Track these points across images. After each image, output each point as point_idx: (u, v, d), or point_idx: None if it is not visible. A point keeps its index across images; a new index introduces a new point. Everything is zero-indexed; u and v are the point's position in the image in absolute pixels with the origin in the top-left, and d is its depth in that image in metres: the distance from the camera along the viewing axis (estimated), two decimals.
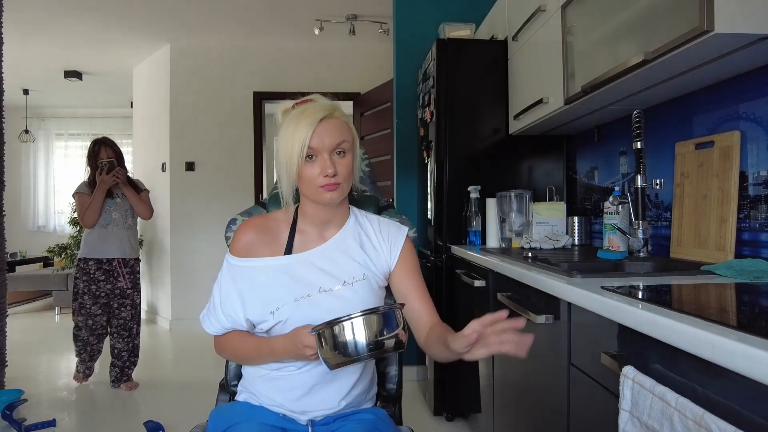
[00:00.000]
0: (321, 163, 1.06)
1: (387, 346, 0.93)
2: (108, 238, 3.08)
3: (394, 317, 0.94)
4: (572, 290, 1.11)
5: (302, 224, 1.17)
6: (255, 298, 1.12)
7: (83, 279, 3.06)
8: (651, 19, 1.29)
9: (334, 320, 0.92)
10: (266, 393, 1.15)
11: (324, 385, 1.11)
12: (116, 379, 3.14)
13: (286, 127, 1.07)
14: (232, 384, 1.34)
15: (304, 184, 1.09)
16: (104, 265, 3.08)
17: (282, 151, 1.07)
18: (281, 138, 1.08)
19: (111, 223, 3.10)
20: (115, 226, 3.11)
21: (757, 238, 1.38)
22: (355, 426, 1.10)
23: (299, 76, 4.94)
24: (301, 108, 1.10)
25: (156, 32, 4.57)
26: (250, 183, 4.91)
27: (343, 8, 4.09)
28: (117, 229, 3.11)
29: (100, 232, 3.07)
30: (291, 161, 1.06)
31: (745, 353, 0.62)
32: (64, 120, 7.18)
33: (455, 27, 2.75)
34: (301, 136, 1.04)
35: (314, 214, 1.15)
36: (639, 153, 1.51)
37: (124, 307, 3.13)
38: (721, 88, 1.49)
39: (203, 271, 4.86)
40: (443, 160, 2.52)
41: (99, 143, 3.12)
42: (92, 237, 3.07)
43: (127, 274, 3.13)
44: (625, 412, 0.85)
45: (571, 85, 1.74)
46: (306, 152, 1.05)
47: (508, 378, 1.72)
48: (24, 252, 6.47)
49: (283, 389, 1.12)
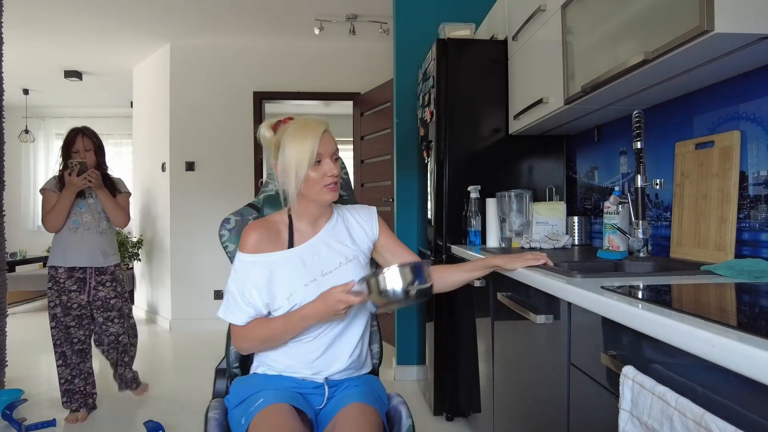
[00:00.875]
0: (325, 166, 1.29)
1: (419, 293, 1.15)
2: (78, 244, 2.68)
3: (423, 270, 1.17)
4: (572, 290, 1.11)
5: (297, 222, 1.39)
6: (271, 287, 1.32)
7: (54, 289, 2.66)
8: (651, 19, 1.29)
9: (378, 271, 1.15)
10: (284, 361, 1.34)
11: (334, 347, 1.35)
12: (126, 382, 2.92)
13: (293, 138, 1.27)
14: (234, 366, 1.51)
15: (309, 185, 1.30)
16: (76, 273, 2.68)
17: (291, 158, 1.26)
18: (289, 147, 1.27)
19: (81, 226, 2.70)
20: (86, 230, 2.71)
21: (757, 238, 1.38)
22: (357, 384, 1.36)
23: (299, 76, 4.94)
24: (301, 122, 1.30)
25: (156, 32, 4.58)
26: (250, 183, 4.91)
27: (343, 8, 4.09)
28: (88, 234, 2.71)
29: (68, 237, 2.68)
30: (301, 166, 1.26)
31: (745, 353, 0.62)
32: (64, 120, 7.18)
33: (455, 27, 2.75)
34: (311, 144, 1.26)
35: (309, 212, 1.37)
36: (639, 153, 1.51)
37: (111, 321, 2.77)
38: (721, 88, 1.49)
39: (203, 271, 4.86)
40: (443, 159, 2.52)
41: (76, 132, 2.74)
42: (60, 242, 2.68)
43: (107, 282, 2.75)
44: (625, 412, 0.85)
45: (571, 84, 1.74)
46: (314, 158, 1.26)
47: (508, 378, 1.72)
48: (24, 252, 6.48)
49: (300, 356, 1.33)
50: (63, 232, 2.68)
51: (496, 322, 1.82)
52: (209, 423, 1.32)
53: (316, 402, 1.34)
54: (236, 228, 1.57)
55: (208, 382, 3.43)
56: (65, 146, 2.73)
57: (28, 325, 5.19)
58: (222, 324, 1.39)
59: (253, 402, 1.25)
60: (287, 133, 1.29)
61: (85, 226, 2.71)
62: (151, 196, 5.24)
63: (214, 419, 1.33)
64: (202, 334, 4.61)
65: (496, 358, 1.84)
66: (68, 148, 2.71)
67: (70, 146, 2.71)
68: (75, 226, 2.69)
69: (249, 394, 1.29)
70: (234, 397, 1.34)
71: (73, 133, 2.74)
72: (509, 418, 1.72)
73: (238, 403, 1.31)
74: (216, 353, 4.10)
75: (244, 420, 1.23)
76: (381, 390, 1.41)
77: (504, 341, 1.75)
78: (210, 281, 4.87)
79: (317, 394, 1.34)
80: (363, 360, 1.44)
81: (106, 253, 2.76)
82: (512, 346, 1.66)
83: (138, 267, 5.62)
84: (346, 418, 1.24)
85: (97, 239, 2.73)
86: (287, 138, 1.28)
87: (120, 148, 7.28)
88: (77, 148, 2.70)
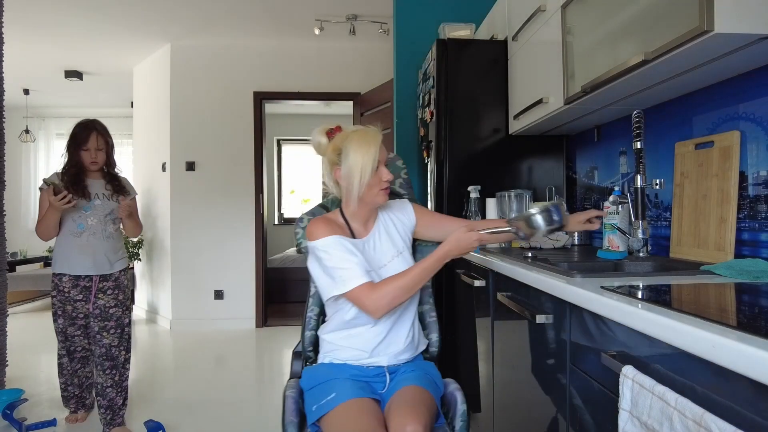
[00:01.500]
0: (382, 172, 1.46)
1: (556, 225, 1.37)
2: (82, 250, 2.45)
3: (560, 209, 1.38)
4: (572, 290, 1.11)
5: (352, 222, 1.53)
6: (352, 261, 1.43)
7: (58, 298, 2.48)
8: (651, 19, 1.29)
9: (526, 212, 1.38)
10: (349, 348, 1.47)
11: (392, 333, 1.48)
12: (107, 422, 2.53)
13: (359, 145, 1.42)
14: (308, 350, 1.65)
15: (367, 188, 1.44)
16: (82, 281, 2.47)
17: (356, 163, 1.41)
18: (354, 153, 1.41)
19: (86, 231, 2.46)
20: (92, 235, 2.47)
21: (757, 238, 1.38)
22: (414, 369, 1.49)
23: (299, 76, 4.95)
24: (362, 131, 1.46)
25: (156, 32, 4.58)
26: (251, 183, 4.91)
27: (343, 8, 4.09)
28: (93, 240, 2.47)
29: (71, 242, 2.45)
30: (365, 170, 1.41)
31: (744, 353, 0.62)
32: (64, 120, 7.18)
33: (455, 27, 2.75)
34: (374, 151, 1.42)
35: (362, 213, 1.53)
36: (639, 153, 1.51)
37: (106, 331, 2.48)
38: (721, 88, 1.49)
39: (203, 271, 4.86)
40: (443, 159, 2.52)
41: (89, 129, 2.47)
42: (63, 247, 2.46)
43: (109, 289, 2.51)
44: (625, 412, 0.85)
45: (571, 85, 1.74)
46: (376, 165, 1.42)
47: (508, 378, 1.72)
48: (24, 252, 6.48)
49: (362, 343, 1.46)
50: (65, 236, 2.46)
51: (496, 321, 1.82)
52: (287, 400, 1.48)
53: (378, 388, 1.47)
54: None
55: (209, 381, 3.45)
56: (74, 142, 2.47)
57: (29, 325, 5.20)
58: (222, 324, 1.40)
59: (325, 393, 1.39)
60: (351, 140, 1.43)
61: (90, 231, 2.48)
62: (152, 196, 5.25)
63: (291, 398, 1.49)
64: (202, 334, 4.61)
65: (496, 358, 1.84)
66: (78, 144, 2.46)
67: (80, 143, 2.46)
68: (79, 230, 2.46)
69: (319, 382, 1.44)
70: (306, 382, 1.50)
71: (85, 130, 2.47)
72: (509, 418, 1.72)
73: (310, 388, 1.46)
74: (216, 353, 4.11)
75: (315, 408, 1.38)
76: (437, 376, 1.53)
77: (504, 341, 1.75)
78: (210, 281, 4.87)
79: (379, 382, 1.47)
80: (417, 342, 1.56)
81: (111, 259, 2.53)
82: (512, 346, 1.66)
83: (138, 267, 5.62)
84: (401, 398, 1.36)
85: (103, 245, 2.50)
86: (352, 145, 1.42)
87: (120, 148, 7.25)
88: (89, 146, 2.46)
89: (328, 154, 1.47)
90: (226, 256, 4.88)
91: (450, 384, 1.55)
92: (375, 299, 1.36)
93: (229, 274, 4.89)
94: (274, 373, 3.74)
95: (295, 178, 7.93)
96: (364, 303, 1.37)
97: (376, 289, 1.37)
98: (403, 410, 1.30)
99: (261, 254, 4.94)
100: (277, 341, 4.46)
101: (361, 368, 1.47)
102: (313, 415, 1.39)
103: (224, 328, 4.77)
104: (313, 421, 1.39)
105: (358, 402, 1.35)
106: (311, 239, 1.44)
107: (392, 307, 1.38)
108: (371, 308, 1.37)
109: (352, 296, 1.38)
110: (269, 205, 7.42)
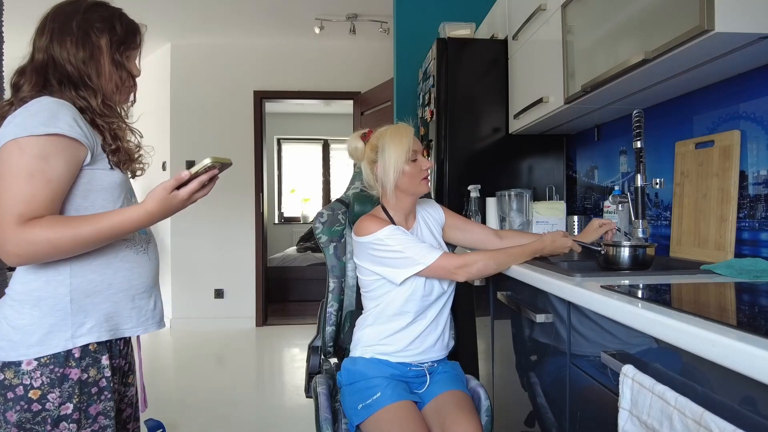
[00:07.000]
0: (421, 161, 1.52)
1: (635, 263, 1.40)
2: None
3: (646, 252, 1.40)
4: (572, 289, 1.11)
5: (395, 216, 1.58)
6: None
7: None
8: (651, 18, 1.29)
9: (621, 242, 1.44)
10: (391, 344, 1.50)
11: (427, 332, 1.53)
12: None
13: (392, 138, 1.50)
14: (329, 345, 1.69)
15: (408, 179, 1.51)
16: None
17: (391, 155, 1.48)
18: (389, 146, 1.49)
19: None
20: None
21: (757, 238, 1.38)
22: (446, 369, 1.56)
23: (299, 76, 4.95)
24: (394, 127, 1.54)
25: (156, 31, 4.57)
26: (251, 182, 4.91)
27: (343, 7, 4.09)
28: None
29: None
30: (399, 159, 1.47)
31: (744, 352, 0.62)
32: None
33: (455, 26, 2.75)
34: (407, 142, 1.49)
35: (403, 206, 1.57)
36: (639, 152, 1.51)
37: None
38: (721, 88, 1.49)
39: (203, 271, 4.86)
40: (443, 159, 2.52)
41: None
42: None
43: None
44: (625, 411, 0.85)
45: (571, 84, 1.74)
46: (410, 155, 1.49)
47: (508, 377, 1.72)
48: None
49: (404, 339, 1.50)
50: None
51: (495, 321, 1.82)
52: (320, 397, 1.51)
53: (416, 387, 1.52)
54: (329, 221, 1.73)
55: (209, 380, 3.44)
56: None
57: None
58: (222, 323, 1.41)
59: (369, 392, 1.42)
60: (385, 137, 1.51)
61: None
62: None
63: (323, 394, 1.53)
64: (203, 334, 4.61)
65: (495, 357, 1.84)
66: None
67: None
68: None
69: (361, 378, 1.47)
70: (347, 377, 1.51)
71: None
72: (509, 418, 1.72)
73: (350, 383, 1.49)
74: (216, 352, 4.11)
75: (361, 407, 1.42)
76: (462, 374, 1.61)
77: (504, 340, 1.75)
78: (210, 280, 4.87)
79: (418, 382, 1.52)
80: (447, 341, 1.62)
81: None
82: (512, 345, 1.66)
83: None
84: (451, 404, 1.43)
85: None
86: (386, 140, 1.50)
87: None
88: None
89: (366, 154, 1.56)
90: (226, 255, 4.88)
91: (471, 380, 1.61)
92: (466, 264, 1.41)
93: (230, 273, 4.89)
94: (274, 372, 3.74)
95: (295, 178, 7.93)
96: (449, 270, 1.42)
97: (465, 256, 1.43)
98: (460, 417, 1.38)
99: (261, 253, 4.94)
100: (277, 340, 4.47)
101: (401, 367, 1.51)
102: (359, 415, 1.42)
103: (224, 327, 4.77)
104: (360, 422, 1.42)
105: (404, 406, 1.40)
106: (365, 234, 1.48)
107: (482, 275, 1.48)
108: (463, 273, 1.42)
109: (436, 266, 1.42)
110: (269, 204, 7.41)
